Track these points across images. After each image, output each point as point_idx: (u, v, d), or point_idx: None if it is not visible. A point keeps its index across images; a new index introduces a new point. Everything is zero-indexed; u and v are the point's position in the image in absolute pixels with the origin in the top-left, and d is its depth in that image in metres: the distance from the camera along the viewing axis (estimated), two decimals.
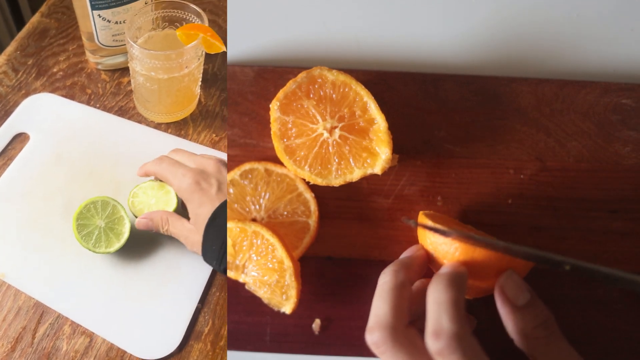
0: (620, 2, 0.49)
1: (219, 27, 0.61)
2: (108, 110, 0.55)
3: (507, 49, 0.49)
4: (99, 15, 0.50)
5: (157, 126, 0.53)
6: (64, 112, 0.54)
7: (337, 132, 0.44)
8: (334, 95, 0.44)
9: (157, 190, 0.47)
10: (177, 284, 0.46)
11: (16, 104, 0.57)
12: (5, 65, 0.60)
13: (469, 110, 0.47)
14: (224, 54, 0.52)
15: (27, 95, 0.57)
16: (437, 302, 0.37)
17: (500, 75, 0.48)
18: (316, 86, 0.44)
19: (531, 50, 0.49)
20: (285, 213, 0.46)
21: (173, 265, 0.47)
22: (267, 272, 0.44)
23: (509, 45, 0.49)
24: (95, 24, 0.51)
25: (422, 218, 0.44)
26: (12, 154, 0.54)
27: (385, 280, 0.39)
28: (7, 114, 0.56)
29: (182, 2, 0.46)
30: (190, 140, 0.53)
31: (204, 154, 0.50)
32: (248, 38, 0.49)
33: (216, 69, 0.56)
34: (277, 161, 0.45)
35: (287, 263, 0.43)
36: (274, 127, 0.44)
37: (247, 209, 0.46)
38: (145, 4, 0.49)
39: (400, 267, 0.40)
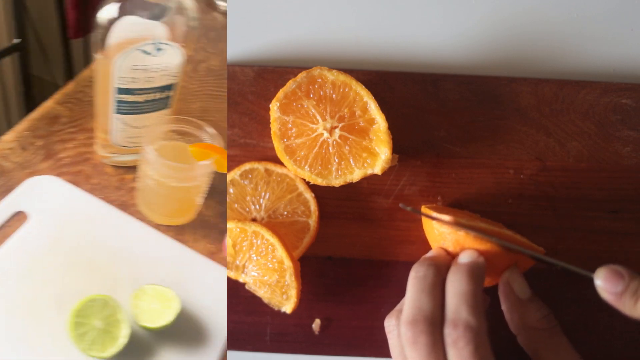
0: (620, 2, 0.49)
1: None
2: (110, 202, 0.54)
3: (507, 49, 0.49)
4: (119, 118, 0.52)
5: (157, 226, 0.53)
6: (67, 196, 0.53)
7: (337, 132, 0.44)
8: (334, 95, 0.44)
9: (161, 296, 0.45)
10: None
11: (19, 182, 0.54)
12: (15, 142, 0.58)
13: (469, 110, 0.47)
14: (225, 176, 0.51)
15: (32, 174, 0.55)
16: (457, 293, 0.37)
17: (500, 75, 0.48)
18: (316, 86, 0.44)
19: (531, 50, 0.49)
20: (285, 213, 0.46)
21: None
22: (267, 272, 0.44)
23: (509, 45, 0.49)
24: (114, 125, 0.53)
25: (425, 211, 0.44)
26: (9, 231, 0.51)
27: (428, 274, 0.39)
28: (8, 190, 0.54)
29: (199, 122, 0.49)
30: (188, 247, 0.52)
31: None
32: (248, 38, 0.49)
33: (216, 183, 0.57)
34: (277, 161, 0.45)
35: (287, 263, 0.43)
36: (274, 127, 0.44)
37: (247, 209, 0.46)
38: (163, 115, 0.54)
39: (442, 264, 0.40)
